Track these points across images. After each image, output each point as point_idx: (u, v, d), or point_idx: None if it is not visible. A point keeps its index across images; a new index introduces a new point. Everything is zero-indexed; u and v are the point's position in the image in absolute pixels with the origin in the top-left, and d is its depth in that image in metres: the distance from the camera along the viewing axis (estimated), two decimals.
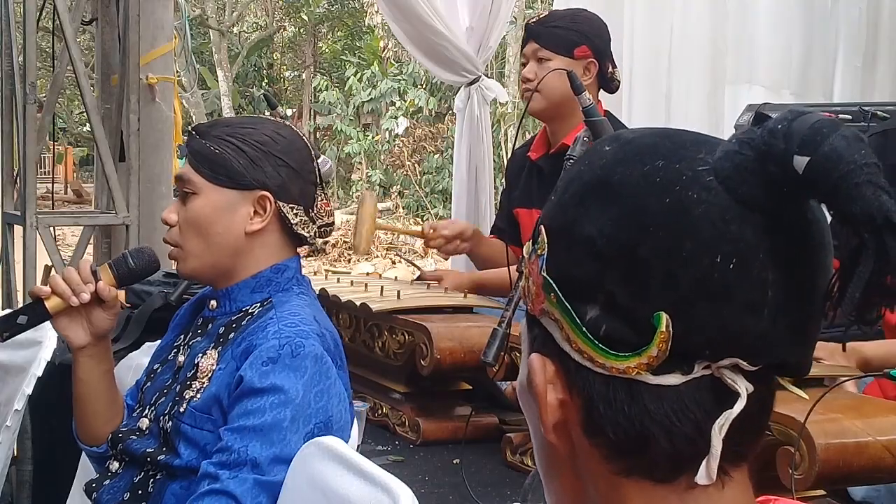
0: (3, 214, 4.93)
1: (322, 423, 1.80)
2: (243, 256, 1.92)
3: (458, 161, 5.39)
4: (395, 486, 1.57)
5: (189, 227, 1.91)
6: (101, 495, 1.91)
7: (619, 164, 0.80)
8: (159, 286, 3.31)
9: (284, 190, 1.91)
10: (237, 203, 1.90)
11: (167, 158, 5.48)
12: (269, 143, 1.92)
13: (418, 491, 1.63)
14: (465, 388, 2.91)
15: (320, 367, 1.81)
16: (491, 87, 5.33)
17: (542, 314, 0.82)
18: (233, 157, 1.89)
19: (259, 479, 1.73)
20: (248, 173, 1.89)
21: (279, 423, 1.75)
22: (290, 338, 1.80)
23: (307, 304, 1.92)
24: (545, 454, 0.86)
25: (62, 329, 1.94)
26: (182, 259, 1.95)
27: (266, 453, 1.74)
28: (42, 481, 3.06)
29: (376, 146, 17.86)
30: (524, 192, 3.38)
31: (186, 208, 1.92)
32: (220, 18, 21.56)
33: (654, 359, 0.76)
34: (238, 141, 1.90)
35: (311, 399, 1.79)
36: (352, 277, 3.65)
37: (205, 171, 1.90)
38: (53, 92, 5.36)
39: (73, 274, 1.91)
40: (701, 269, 0.75)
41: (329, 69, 23.09)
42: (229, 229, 1.90)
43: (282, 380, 1.76)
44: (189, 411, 1.83)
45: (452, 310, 2.90)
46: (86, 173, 22.92)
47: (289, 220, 1.92)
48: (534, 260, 0.83)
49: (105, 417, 2.01)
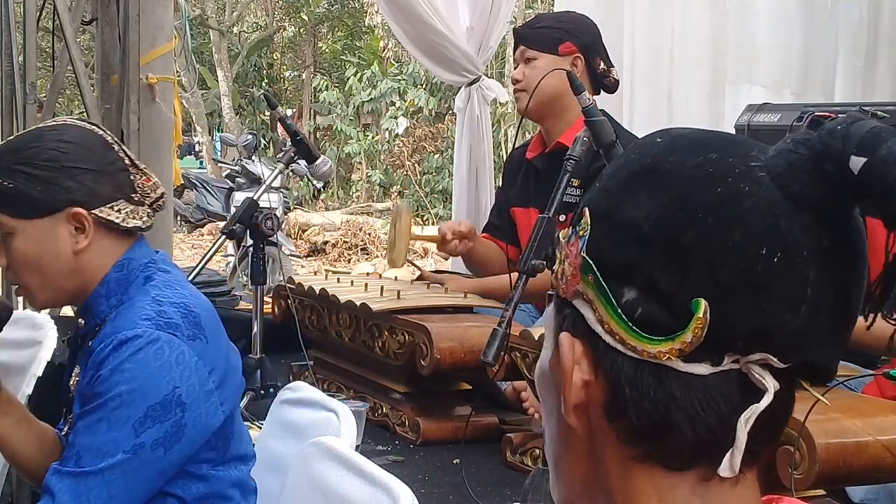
0: None
1: (158, 405, 1.72)
2: (83, 272, 1.86)
3: (458, 161, 5.39)
4: (395, 486, 1.57)
5: (20, 267, 1.86)
6: None
7: (672, 154, 0.82)
8: None
9: (95, 195, 1.83)
10: (53, 228, 1.83)
11: (167, 158, 5.47)
12: (58, 156, 1.82)
13: (418, 491, 1.63)
14: (465, 388, 2.91)
15: (150, 349, 1.72)
16: (491, 87, 5.33)
17: (575, 295, 0.83)
18: (27, 186, 1.81)
19: (76, 471, 1.69)
20: (49, 197, 1.81)
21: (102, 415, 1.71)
22: (115, 335, 1.74)
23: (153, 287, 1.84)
24: (560, 436, 0.86)
25: None
26: (29, 296, 1.92)
27: (88, 441, 1.70)
28: None
29: (376, 146, 17.85)
30: (521, 191, 3.38)
31: (10, 250, 1.85)
32: (220, 18, 21.55)
33: (688, 345, 0.77)
34: (26, 167, 1.82)
35: (137, 385, 1.71)
36: (352, 277, 3.65)
37: (8, 210, 1.83)
38: (53, 92, 5.36)
39: None
40: (745, 260, 0.77)
41: (329, 69, 23.08)
42: (58, 256, 1.83)
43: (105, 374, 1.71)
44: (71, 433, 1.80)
45: (452, 310, 2.90)
46: None
47: (113, 222, 1.84)
48: (573, 242, 0.84)
49: (46, 455, 1.90)
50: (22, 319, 2.60)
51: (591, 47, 3.25)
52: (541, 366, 0.88)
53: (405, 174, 16.68)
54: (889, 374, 2.01)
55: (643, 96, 5.16)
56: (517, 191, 3.42)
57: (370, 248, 13.59)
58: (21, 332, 2.64)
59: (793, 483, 1.85)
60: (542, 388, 0.88)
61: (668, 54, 5.14)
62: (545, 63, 3.12)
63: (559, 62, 3.13)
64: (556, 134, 3.23)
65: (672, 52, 5.13)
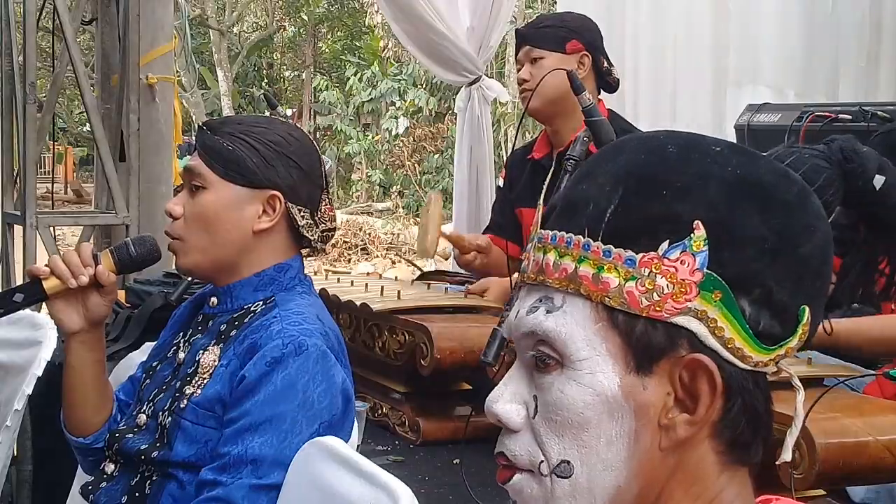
0: (3, 214, 4.93)
1: (327, 424, 1.78)
2: (247, 254, 1.90)
3: (458, 161, 5.39)
4: (396, 486, 1.57)
5: (196, 221, 1.89)
6: (99, 498, 1.89)
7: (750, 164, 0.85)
8: (159, 286, 3.31)
9: (294, 191, 1.90)
10: (247, 200, 1.88)
11: (167, 158, 5.47)
12: (282, 143, 1.91)
13: (418, 491, 1.62)
14: (466, 388, 2.90)
15: (324, 366, 1.79)
16: (492, 86, 5.33)
17: (682, 313, 0.82)
18: (246, 154, 1.88)
19: (257, 484, 1.71)
20: (260, 172, 1.88)
21: (280, 422, 1.74)
22: (294, 336, 1.78)
23: (310, 304, 1.91)
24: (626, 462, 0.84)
25: (57, 312, 1.91)
26: (184, 252, 1.92)
27: (266, 452, 1.72)
28: (42, 481, 3.06)
29: (376, 146, 17.86)
30: (528, 191, 3.36)
31: (194, 202, 1.90)
32: (220, 18, 21.55)
33: (791, 350, 0.82)
34: (252, 139, 1.89)
35: (314, 399, 1.77)
36: (352, 277, 3.65)
37: (217, 167, 1.88)
38: (53, 92, 5.36)
39: (74, 256, 1.87)
40: (830, 268, 0.84)
41: (329, 69, 23.09)
42: (237, 226, 1.88)
43: (284, 379, 1.75)
44: (190, 407, 1.81)
45: (453, 310, 2.89)
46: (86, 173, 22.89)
47: (296, 222, 1.91)
48: (678, 257, 0.83)
49: (94, 408, 1.98)
50: (22, 319, 2.59)
51: (596, 45, 3.24)
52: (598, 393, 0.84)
53: (405, 174, 16.68)
54: (889, 374, 2.01)
55: (646, 96, 5.16)
56: (524, 191, 3.40)
57: (370, 248, 13.59)
58: (21, 332, 2.64)
59: (792, 483, 1.84)
60: (592, 416, 0.84)
61: (671, 54, 5.14)
62: (552, 62, 3.09)
63: (566, 61, 3.11)
64: (565, 134, 3.20)
65: (675, 52, 5.14)
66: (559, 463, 0.85)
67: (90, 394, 1.98)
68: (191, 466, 1.79)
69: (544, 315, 0.85)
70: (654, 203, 0.83)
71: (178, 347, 1.97)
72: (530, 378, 0.88)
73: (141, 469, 1.86)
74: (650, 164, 0.85)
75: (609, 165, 0.87)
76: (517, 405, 0.89)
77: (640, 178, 0.84)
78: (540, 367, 0.86)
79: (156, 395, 1.92)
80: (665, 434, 0.83)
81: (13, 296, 1.88)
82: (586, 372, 0.83)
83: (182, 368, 1.90)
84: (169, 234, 1.94)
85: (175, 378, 1.90)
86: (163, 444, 1.83)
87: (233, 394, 1.78)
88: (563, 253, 0.86)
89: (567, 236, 0.86)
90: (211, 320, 1.94)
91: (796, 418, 0.88)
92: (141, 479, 1.86)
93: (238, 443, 1.73)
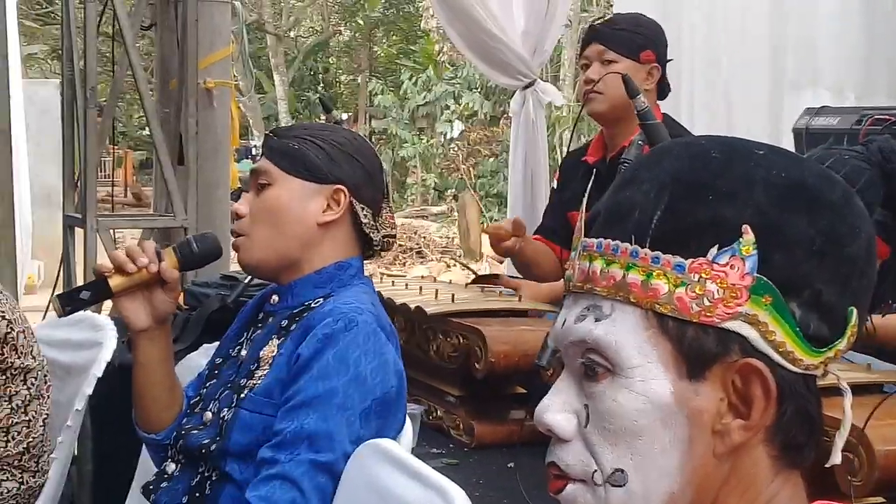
0: (65, 217, 5.01)
1: (380, 400, 1.80)
2: (311, 248, 1.93)
3: (513, 165, 5.38)
4: (450, 488, 1.57)
5: (261, 216, 1.93)
6: (160, 497, 1.92)
7: (793, 167, 0.85)
8: (217, 289, 3.34)
9: (357, 189, 1.94)
10: (312, 194, 1.93)
11: (224, 162, 5.53)
12: (346, 143, 1.96)
13: (472, 494, 1.62)
14: (520, 392, 2.90)
15: (375, 342, 1.82)
16: (546, 90, 5.31)
17: (733, 318, 0.82)
18: (311, 151, 1.93)
19: (315, 460, 1.73)
20: (324, 167, 1.93)
21: (332, 397, 1.75)
22: (345, 313, 1.81)
23: (365, 292, 1.94)
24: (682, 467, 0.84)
25: (123, 310, 1.94)
26: (247, 249, 1.95)
27: (321, 427, 1.74)
28: (102, 481, 3.10)
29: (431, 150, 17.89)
30: (579, 195, 3.34)
31: (260, 199, 1.94)
32: (277, 23, 21.72)
33: (840, 352, 0.82)
34: (317, 139, 1.95)
35: (366, 374, 1.79)
36: (406, 280, 3.66)
37: (282, 163, 1.93)
38: (113, 96, 5.43)
39: (135, 249, 1.91)
40: (875, 268, 0.84)
41: (384, 73, 23.17)
42: (302, 218, 1.92)
43: (336, 354, 1.77)
44: (249, 397, 1.84)
45: (507, 313, 2.89)
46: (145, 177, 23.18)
47: (359, 218, 1.95)
48: (727, 262, 0.82)
49: (164, 404, 2.01)
50: (83, 321, 2.63)
51: (664, 58, 3.19)
52: (651, 400, 0.84)
53: (460, 178, 16.69)
54: None
55: (701, 99, 5.11)
56: (575, 195, 3.38)
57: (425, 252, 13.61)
58: (82, 334, 2.68)
59: (852, 490, 1.82)
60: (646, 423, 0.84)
61: (727, 56, 5.08)
62: (624, 68, 3.00)
63: (638, 69, 3.04)
64: (620, 139, 3.17)
65: (731, 53, 5.08)
66: (613, 472, 0.85)
67: (159, 390, 2.01)
68: (246, 456, 1.81)
69: (593, 323, 0.85)
70: (700, 208, 0.83)
71: (241, 346, 2.00)
72: (580, 387, 0.88)
73: (201, 469, 1.89)
74: (695, 169, 0.85)
75: (653, 171, 0.87)
76: (568, 414, 0.89)
77: (686, 184, 0.84)
78: (590, 375, 0.86)
79: (220, 393, 1.95)
80: (719, 440, 0.83)
81: (80, 293, 1.92)
82: (638, 379, 0.83)
83: (244, 365, 1.93)
84: (234, 233, 1.97)
85: (238, 375, 1.93)
86: (222, 436, 1.85)
87: (289, 374, 1.81)
88: (610, 260, 0.86)
89: (613, 243, 0.86)
90: (271, 317, 1.97)
91: (844, 420, 0.87)
92: (201, 479, 1.88)
93: (293, 419, 1.75)
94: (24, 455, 2.77)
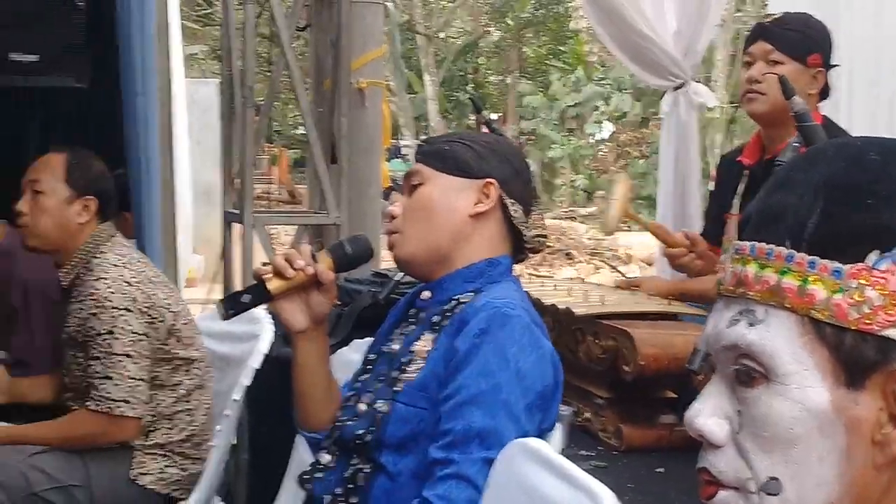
0: (224, 213, 5.16)
1: (540, 395, 1.83)
2: (461, 242, 1.97)
3: (663, 167, 5.31)
4: (599, 490, 1.56)
5: (414, 212, 1.99)
6: (314, 487, 1.97)
7: None
8: (369, 285, 3.40)
9: (507, 184, 1.99)
10: (463, 189, 1.98)
11: (376, 161, 5.62)
12: (494, 143, 2.05)
13: (621, 498, 1.61)
14: (670, 397, 2.87)
15: (531, 336, 1.84)
16: (699, 91, 5.22)
17: (894, 326, 0.80)
18: (462, 150, 2.00)
19: (488, 458, 1.76)
20: (474, 163, 1.99)
21: (497, 393, 1.78)
22: (498, 308, 1.83)
23: (515, 290, 1.97)
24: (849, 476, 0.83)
25: (282, 312, 1.99)
26: (401, 244, 2.00)
27: (489, 424, 1.76)
28: (257, 469, 3.18)
29: (580, 151, 17.81)
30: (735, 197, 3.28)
31: (413, 197, 2.01)
32: (428, 24, 21.94)
33: None
34: (466, 139, 2.04)
35: (526, 369, 1.81)
36: (555, 281, 3.66)
37: (434, 163, 2.00)
38: (270, 96, 5.57)
39: (292, 252, 1.98)
40: None
41: (534, 73, 23.16)
42: (454, 211, 1.97)
43: (494, 350, 1.79)
44: (405, 390, 1.88)
45: (657, 316, 2.86)
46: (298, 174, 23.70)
47: (510, 213, 1.99)
48: (888, 268, 0.80)
49: (323, 403, 2.06)
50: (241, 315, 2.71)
51: (829, 61, 3.10)
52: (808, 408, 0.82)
53: (609, 179, 16.58)
54: None
55: (860, 100, 4.95)
56: (731, 197, 3.31)
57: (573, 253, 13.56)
58: (241, 327, 2.76)
59: None
60: (802, 431, 0.82)
61: (890, 54, 4.90)
62: (789, 70, 2.91)
63: (804, 73, 2.95)
64: (779, 141, 3.09)
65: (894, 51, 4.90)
66: (767, 480, 0.83)
67: (319, 390, 2.06)
68: (401, 448, 1.85)
69: (746, 328, 0.84)
70: (859, 213, 0.81)
71: (392, 341, 2.04)
72: (732, 392, 0.86)
73: (354, 461, 1.93)
74: (851, 172, 0.83)
75: (806, 174, 0.85)
76: (720, 419, 0.87)
77: (843, 188, 0.82)
78: (743, 380, 0.84)
79: (374, 386, 1.99)
80: (879, 450, 0.81)
81: (241, 297, 1.98)
82: (794, 386, 0.81)
83: (397, 359, 1.97)
84: (388, 232, 2.03)
85: (391, 369, 1.96)
86: (377, 428, 1.89)
87: (446, 369, 1.84)
88: (764, 265, 0.84)
89: (767, 247, 0.84)
90: (422, 313, 2.01)
91: None
92: (354, 470, 1.92)
93: (459, 418, 1.78)
94: (186, 443, 2.88)
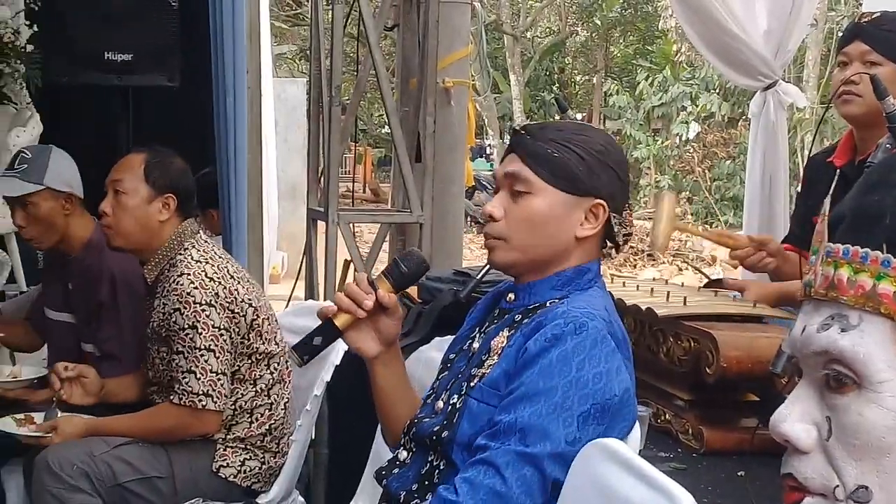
0: (309, 210, 5.22)
1: (600, 407, 1.79)
2: (561, 256, 1.95)
3: (751, 168, 5.24)
4: (678, 491, 1.56)
5: (522, 223, 1.93)
6: (391, 482, 1.99)
7: None
8: (450, 284, 3.41)
9: (614, 200, 1.94)
10: (572, 207, 1.92)
11: (460, 160, 5.63)
12: (605, 152, 1.94)
13: (700, 500, 1.60)
14: (752, 400, 2.83)
15: (603, 349, 1.81)
16: (789, 91, 5.14)
17: None
18: (574, 163, 1.91)
19: (521, 451, 1.74)
20: (586, 180, 1.91)
21: (551, 395, 1.76)
22: (577, 317, 1.81)
23: (600, 296, 1.94)
24: None
25: (353, 343, 2.02)
26: (505, 251, 1.96)
27: (535, 421, 1.75)
28: (336, 464, 3.21)
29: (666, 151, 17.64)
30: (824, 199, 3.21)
31: (519, 206, 1.93)
32: (514, 23, 21.92)
33: None
34: (576, 147, 1.92)
35: (588, 378, 1.78)
36: (637, 282, 3.63)
37: (543, 173, 1.92)
38: (356, 95, 5.61)
39: (354, 288, 1.99)
40: None
41: (620, 73, 23.01)
42: (561, 230, 1.93)
43: (560, 355, 1.78)
44: (478, 386, 1.88)
45: (740, 318, 2.83)
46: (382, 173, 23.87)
47: (613, 229, 1.95)
48: None
49: (407, 419, 2.07)
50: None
51: None
52: None
53: (695, 180, 16.39)
54: None
55: None
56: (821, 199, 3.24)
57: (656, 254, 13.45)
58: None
59: None
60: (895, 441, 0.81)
61: None
62: (887, 72, 2.85)
63: None
64: (871, 142, 3.01)
65: None
66: (856, 488, 0.81)
67: (401, 408, 2.09)
68: (471, 447, 1.84)
69: (838, 333, 0.82)
70: None
71: (472, 340, 2.04)
72: (820, 397, 0.84)
73: (430, 458, 1.94)
74: None
75: None
76: (807, 425, 0.85)
77: None
78: (833, 386, 0.82)
79: (451, 383, 1.99)
80: None
81: (312, 340, 2.01)
82: (888, 395, 0.79)
83: (476, 356, 1.97)
84: (487, 235, 1.99)
85: (469, 366, 1.97)
86: (451, 424, 1.90)
87: (516, 365, 1.83)
88: (859, 269, 0.82)
89: (862, 251, 0.82)
90: (506, 314, 2.00)
91: None
92: (430, 467, 1.93)
93: (510, 411, 1.77)
94: (266, 436, 2.92)
